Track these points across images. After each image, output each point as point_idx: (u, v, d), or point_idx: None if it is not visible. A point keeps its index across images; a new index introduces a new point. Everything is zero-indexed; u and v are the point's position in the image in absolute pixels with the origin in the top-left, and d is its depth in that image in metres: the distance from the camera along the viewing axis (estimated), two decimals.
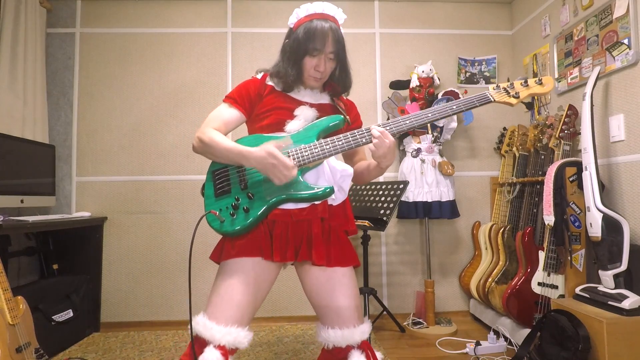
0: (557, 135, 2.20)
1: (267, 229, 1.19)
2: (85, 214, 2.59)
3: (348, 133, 1.21)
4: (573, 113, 2.18)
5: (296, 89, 1.31)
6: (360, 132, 1.21)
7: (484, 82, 2.97)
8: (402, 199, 2.60)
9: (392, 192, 2.32)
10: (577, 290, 1.84)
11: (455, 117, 2.66)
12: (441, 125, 2.63)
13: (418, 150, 2.64)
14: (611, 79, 2.04)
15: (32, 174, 2.38)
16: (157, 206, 2.77)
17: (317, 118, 1.27)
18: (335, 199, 1.25)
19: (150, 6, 2.88)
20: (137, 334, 2.57)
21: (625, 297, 1.61)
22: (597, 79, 1.98)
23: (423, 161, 2.61)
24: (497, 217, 2.69)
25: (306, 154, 1.19)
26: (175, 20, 2.89)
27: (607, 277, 1.72)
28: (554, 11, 2.50)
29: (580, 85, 2.26)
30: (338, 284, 1.21)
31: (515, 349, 2.06)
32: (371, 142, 1.18)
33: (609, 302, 1.64)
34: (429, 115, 1.21)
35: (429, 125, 2.61)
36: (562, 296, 2.01)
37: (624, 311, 1.57)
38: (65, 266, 2.56)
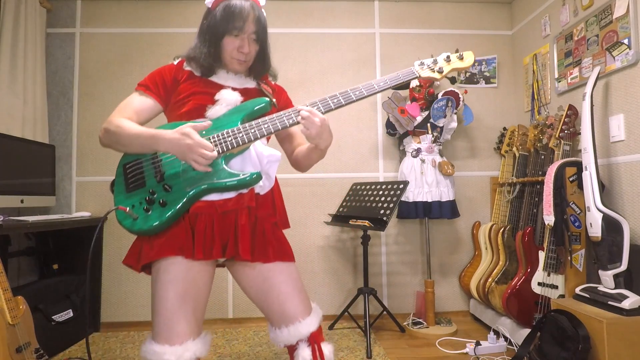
0: (557, 135, 2.20)
1: (188, 224, 1.08)
2: (85, 214, 2.59)
3: (274, 115, 1.13)
4: (573, 113, 2.18)
5: (217, 72, 1.22)
6: (286, 113, 1.13)
7: (484, 82, 2.97)
8: (402, 199, 2.60)
9: (392, 192, 2.32)
10: (577, 290, 1.84)
11: (455, 117, 2.66)
12: (441, 125, 2.63)
13: (418, 150, 2.64)
14: (611, 79, 2.04)
15: (32, 174, 2.38)
16: None
17: (241, 102, 1.18)
18: (263, 187, 1.16)
19: (150, 6, 2.88)
20: (137, 334, 2.57)
21: (625, 297, 1.61)
22: (597, 79, 1.98)
23: (423, 161, 2.61)
24: (497, 217, 2.69)
25: (229, 139, 1.09)
26: (175, 20, 2.88)
27: (607, 277, 1.72)
28: (554, 11, 2.51)
29: (580, 85, 2.26)
30: (276, 283, 1.14)
31: (515, 349, 2.06)
32: (298, 122, 1.11)
33: (609, 302, 1.64)
34: (357, 92, 1.16)
35: (428, 125, 2.62)
36: (562, 296, 2.01)
37: (624, 311, 1.57)
38: (65, 266, 2.56)
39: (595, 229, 1.77)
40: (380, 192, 2.40)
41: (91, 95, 2.81)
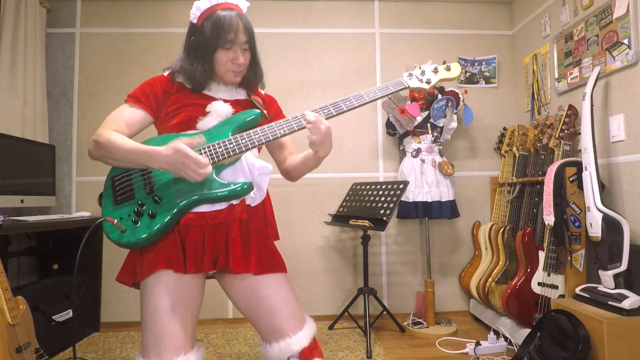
0: (557, 135, 2.20)
1: (178, 237, 1.06)
2: (85, 214, 2.59)
3: (265, 125, 1.13)
4: (573, 113, 2.18)
5: (208, 86, 1.20)
6: (277, 124, 1.13)
7: (484, 82, 2.97)
8: (402, 199, 2.60)
9: (392, 192, 2.32)
10: (577, 290, 1.84)
11: (455, 117, 2.66)
12: (441, 125, 2.63)
13: (418, 150, 2.64)
14: (611, 79, 2.04)
15: (32, 174, 2.38)
16: None
17: (232, 114, 1.17)
18: (254, 198, 1.16)
19: (150, 6, 2.88)
20: (137, 334, 2.57)
21: (625, 297, 1.61)
22: (597, 79, 1.98)
23: (423, 161, 2.61)
24: (497, 217, 2.69)
25: (220, 150, 1.08)
26: (175, 20, 2.88)
27: (607, 277, 1.72)
28: (554, 11, 2.51)
29: (580, 85, 2.26)
30: (265, 296, 1.11)
31: (515, 349, 2.06)
32: (288, 134, 1.12)
33: (609, 302, 1.64)
34: (347, 103, 1.17)
35: (428, 125, 2.62)
36: (562, 296, 2.01)
37: (624, 311, 1.57)
38: (65, 266, 2.56)
39: (595, 229, 1.77)
40: (380, 192, 2.39)
41: (91, 95, 2.81)
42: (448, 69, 1.28)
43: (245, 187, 1.07)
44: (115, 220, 1.03)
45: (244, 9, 1.19)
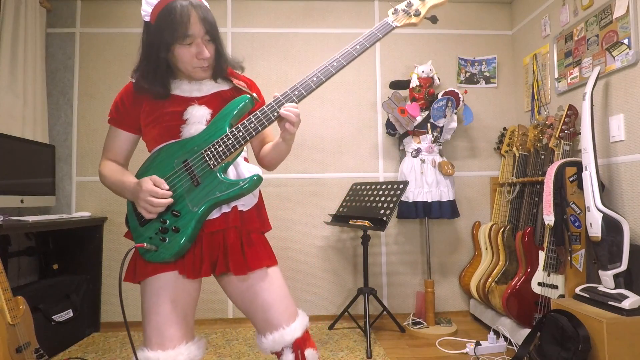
0: (557, 135, 2.20)
1: None
2: (85, 214, 2.59)
3: (257, 111, 1.07)
4: (573, 113, 2.18)
5: (178, 84, 1.14)
6: (269, 106, 1.07)
7: (484, 82, 2.97)
8: (402, 199, 2.60)
9: (392, 192, 2.32)
10: (577, 290, 1.84)
11: (455, 117, 2.66)
12: (441, 125, 2.63)
13: (418, 150, 2.64)
14: (611, 79, 2.04)
15: (32, 174, 2.38)
16: None
17: (211, 115, 1.11)
18: (245, 204, 1.14)
19: None
20: (138, 334, 2.57)
21: (625, 297, 1.61)
22: (597, 79, 1.98)
23: (423, 161, 2.61)
24: (497, 217, 2.69)
25: (220, 149, 1.05)
26: None
27: (607, 277, 1.72)
28: (554, 11, 2.51)
29: (580, 85, 2.26)
30: (259, 290, 1.11)
31: (515, 349, 2.06)
32: (279, 117, 1.07)
33: (609, 302, 1.64)
34: (334, 64, 1.12)
35: (428, 125, 2.62)
36: (562, 296, 2.01)
37: (624, 311, 1.57)
38: (65, 266, 2.56)
39: (595, 229, 1.77)
40: (380, 192, 2.39)
41: (91, 95, 2.81)
42: None
43: (254, 179, 1.05)
44: (145, 244, 1.05)
45: None
